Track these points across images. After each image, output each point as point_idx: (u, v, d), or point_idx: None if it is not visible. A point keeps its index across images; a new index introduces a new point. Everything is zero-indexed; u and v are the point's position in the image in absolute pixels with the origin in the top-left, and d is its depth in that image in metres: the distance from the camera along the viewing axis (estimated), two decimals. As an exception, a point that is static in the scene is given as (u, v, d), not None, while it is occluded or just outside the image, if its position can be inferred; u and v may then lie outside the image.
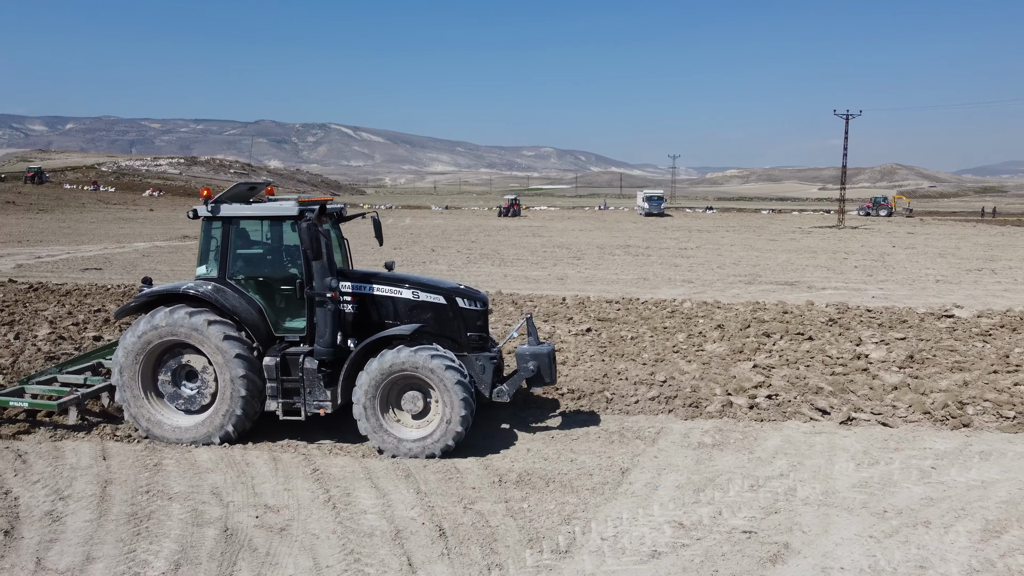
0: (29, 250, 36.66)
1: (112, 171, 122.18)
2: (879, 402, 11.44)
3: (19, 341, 15.08)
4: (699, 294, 23.76)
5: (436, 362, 8.99)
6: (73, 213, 71.31)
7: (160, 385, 9.72)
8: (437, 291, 9.97)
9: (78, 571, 6.30)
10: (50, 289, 22.37)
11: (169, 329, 9.35)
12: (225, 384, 9.29)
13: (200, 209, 9.85)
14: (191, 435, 9.44)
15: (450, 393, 8.96)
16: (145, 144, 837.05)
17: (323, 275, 9.38)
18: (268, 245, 10.23)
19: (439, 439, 9.05)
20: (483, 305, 10.16)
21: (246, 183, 10.66)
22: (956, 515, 7.60)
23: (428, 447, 9.07)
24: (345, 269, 10.46)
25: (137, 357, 9.47)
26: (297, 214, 9.50)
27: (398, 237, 49.24)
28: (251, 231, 10.11)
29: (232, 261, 9.83)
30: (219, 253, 9.83)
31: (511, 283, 26.19)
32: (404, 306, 9.89)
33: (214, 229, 9.90)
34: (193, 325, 9.25)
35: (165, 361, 9.68)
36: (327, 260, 9.41)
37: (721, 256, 37.33)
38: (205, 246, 10.01)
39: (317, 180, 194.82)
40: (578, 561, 6.60)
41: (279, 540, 6.94)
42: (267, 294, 9.89)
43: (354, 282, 9.89)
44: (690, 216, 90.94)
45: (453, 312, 9.93)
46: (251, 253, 10.12)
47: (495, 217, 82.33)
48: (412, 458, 9.03)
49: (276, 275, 9.97)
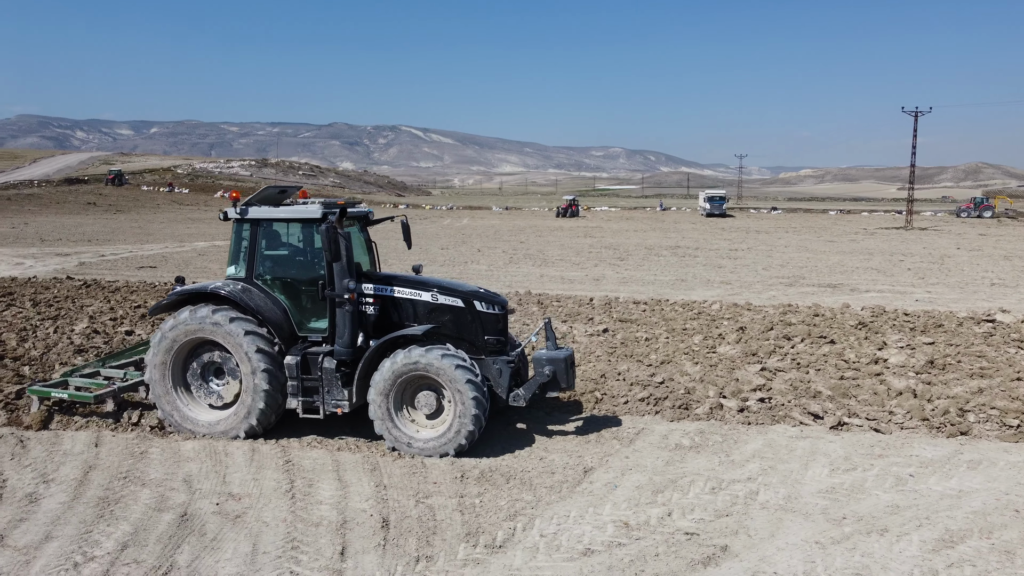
0: (96, 249, 38.47)
1: (187, 173, 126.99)
2: (878, 408, 11.13)
3: (56, 334, 15.91)
4: (733, 296, 23.38)
5: (447, 362, 9.09)
6: (147, 213, 74.36)
7: (189, 380, 10.14)
8: (456, 294, 10.03)
9: (33, 549, 6.71)
10: (101, 286, 23.47)
11: (195, 327, 9.72)
12: (248, 381, 9.59)
13: (229, 211, 10.24)
14: (216, 429, 9.78)
15: (461, 393, 9.04)
16: (224, 147, 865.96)
17: (342, 277, 9.58)
18: (294, 247, 10.51)
19: (451, 439, 9.13)
20: (501, 309, 10.18)
21: (276, 187, 11.04)
22: (917, 524, 7.38)
23: (440, 447, 9.16)
24: (369, 272, 10.64)
25: (167, 353, 9.88)
26: (320, 217, 9.74)
27: (449, 237, 49.81)
28: (280, 233, 10.42)
29: (259, 262, 10.16)
30: (247, 254, 10.19)
31: (545, 283, 26.25)
32: (424, 308, 10.01)
33: (243, 231, 10.24)
34: (217, 323, 9.59)
35: (195, 357, 10.07)
36: (346, 262, 9.56)
37: (770, 257, 36.56)
38: (235, 247, 10.37)
39: (384, 181, 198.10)
40: (509, 556, 6.68)
41: (230, 527, 7.23)
42: (292, 294, 10.17)
43: (376, 284, 10.08)
44: (753, 217, 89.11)
45: (471, 315, 9.97)
46: (278, 255, 10.43)
47: (553, 218, 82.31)
48: (426, 457, 9.10)
49: (301, 276, 10.22)
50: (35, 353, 14.00)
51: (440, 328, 9.95)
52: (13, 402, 10.93)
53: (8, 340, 15.09)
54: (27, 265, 30.63)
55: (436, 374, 9.16)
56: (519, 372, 10.50)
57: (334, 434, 9.98)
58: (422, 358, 9.16)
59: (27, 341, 15.08)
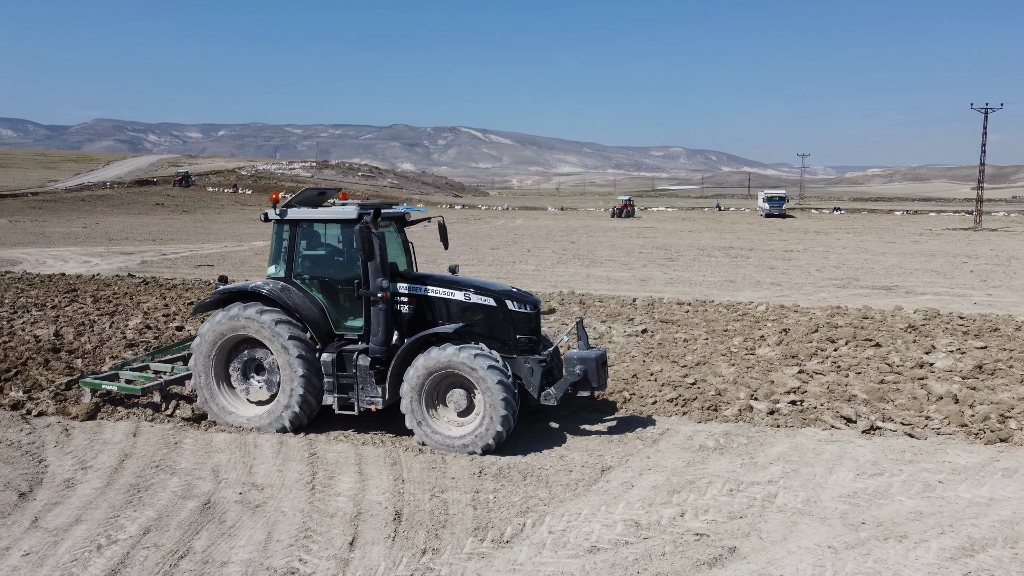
0: (159, 248, 39.88)
1: (250, 174, 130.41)
2: (915, 412, 10.82)
3: (111, 329, 16.59)
4: (782, 297, 22.96)
5: (478, 361, 9.17)
6: (211, 214, 76.66)
7: (232, 376, 10.49)
8: (488, 293, 10.12)
9: (63, 531, 7.05)
10: (159, 283, 24.35)
11: (236, 324, 10.04)
12: (286, 377, 9.86)
13: (269, 213, 10.57)
14: (256, 423, 10.06)
15: (491, 392, 9.10)
16: (288, 149, 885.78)
17: (376, 276, 9.76)
18: (332, 247, 10.77)
19: (480, 437, 9.21)
20: (533, 308, 10.24)
21: (316, 188, 11.36)
22: (939, 531, 7.17)
23: (468, 444, 9.25)
24: (404, 272, 10.83)
25: (210, 349, 10.23)
26: (356, 218, 9.95)
27: (501, 237, 50.05)
28: (318, 234, 10.69)
29: (298, 262, 10.45)
30: (286, 254, 10.49)
31: (591, 283, 26.20)
32: (456, 307, 10.13)
33: (283, 232, 10.53)
34: (256, 321, 9.89)
35: (237, 354, 10.40)
36: (380, 262, 9.74)
37: (825, 259, 35.73)
38: (275, 248, 10.67)
39: (441, 182, 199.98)
40: (514, 552, 6.74)
41: (249, 515, 7.46)
42: (329, 293, 10.42)
43: (410, 284, 10.24)
44: (814, 217, 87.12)
45: (503, 314, 10.04)
46: (316, 254, 10.71)
47: (607, 218, 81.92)
48: (454, 454, 9.20)
49: (338, 276, 10.45)
50: (89, 347, 14.63)
51: (472, 327, 10.05)
52: (63, 392, 11.46)
53: (66, 334, 15.79)
54: (93, 263, 31.94)
55: (467, 373, 9.24)
56: (552, 371, 10.53)
57: (368, 430, 10.12)
58: (455, 356, 9.26)
59: (83, 335, 15.77)
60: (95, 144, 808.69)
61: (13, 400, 10.96)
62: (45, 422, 10.24)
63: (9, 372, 12.34)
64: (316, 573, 6.34)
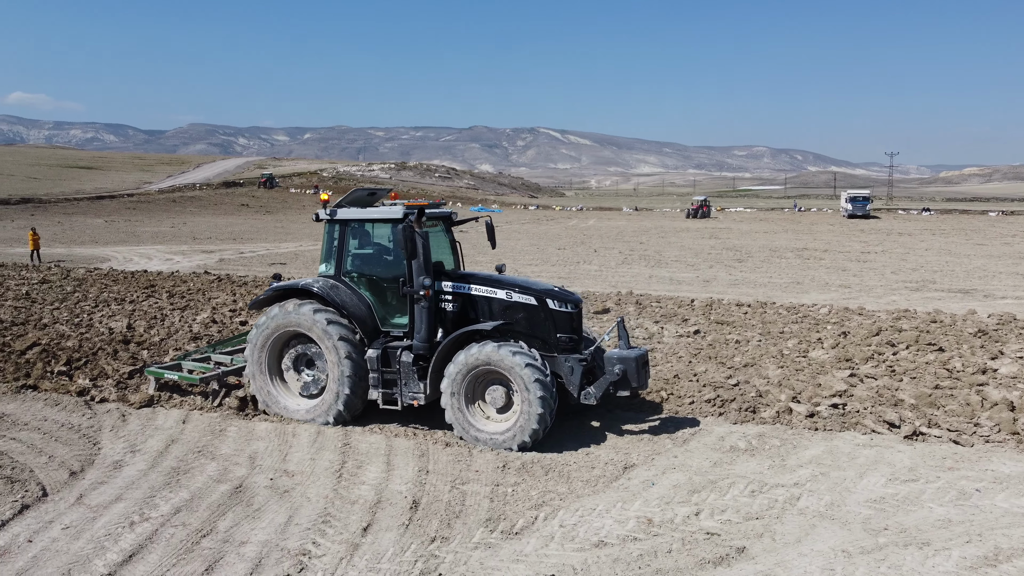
0: (238, 246, 41.49)
1: (331, 176, 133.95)
2: (964, 419, 10.40)
3: (180, 322, 17.45)
4: (848, 300, 22.27)
5: (517, 359, 9.29)
6: (292, 214, 79.09)
7: (284, 370, 10.95)
8: (529, 292, 10.25)
9: (103, 508, 7.54)
10: (232, 280, 25.38)
11: (287, 320, 10.48)
12: (334, 372, 10.23)
13: (320, 213, 11.01)
14: (306, 417, 10.45)
15: (528, 391, 9.22)
16: (370, 151, 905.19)
17: (419, 274, 10.05)
18: (380, 246, 11.11)
19: (516, 435, 9.33)
20: (575, 307, 10.31)
21: (365, 189, 11.74)
22: (965, 540, 6.93)
23: (505, 441, 9.40)
24: (449, 270, 11.05)
25: (264, 344, 10.69)
26: (401, 217, 10.22)
27: (570, 238, 50.03)
28: (367, 234, 11.05)
29: (347, 260, 10.84)
30: (336, 253, 10.88)
31: (653, 284, 25.98)
32: (498, 306, 10.31)
33: (334, 231, 10.92)
34: (306, 317, 10.29)
35: (289, 349, 10.84)
36: (423, 260, 10.03)
37: (904, 261, 34.39)
38: (326, 246, 11.07)
39: (518, 183, 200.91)
40: (522, 543, 6.85)
41: (276, 500, 7.81)
42: (376, 291, 10.75)
43: (454, 282, 10.47)
44: (900, 218, 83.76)
45: (544, 313, 10.15)
46: (364, 253, 11.07)
47: (682, 219, 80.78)
48: (492, 450, 9.35)
49: (385, 274, 10.77)
50: (156, 339, 15.43)
51: (513, 325, 10.19)
52: (125, 381, 12.16)
53: (138, 326, 16.70)
54: (175, 261, 33.52)
55: (506, 370, 9.37)
56: (593, 371, 10.56)
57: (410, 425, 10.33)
58: (494, 353, 9.41)
59: (153, 328, 16.64)
60: (189, 147, 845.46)
61: (80, 387, 11.70)
62: (105, 408, 10.90)
63: (79, 361, 13.17)
64: (327, 555, 6.60)
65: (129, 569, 6.37)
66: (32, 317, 17.93)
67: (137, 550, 6.66)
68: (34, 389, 11.71)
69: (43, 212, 70.00)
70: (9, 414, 10.57)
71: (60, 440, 9.56)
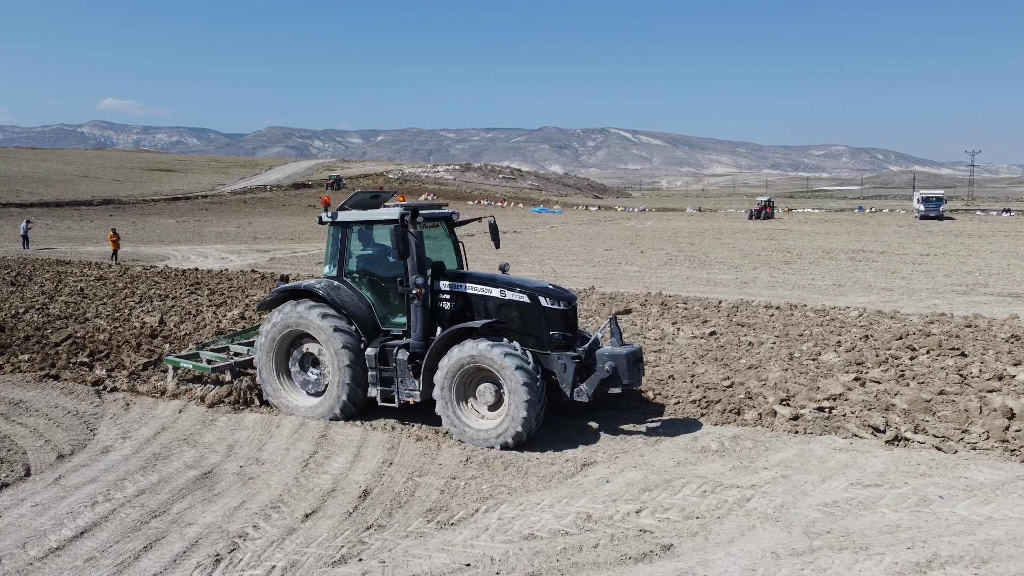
0: (293, 246, 42.71)
1: (397, 177, 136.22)
2: (955, 425, 10.08)
3: (212, 318, 18.19)
4: (888, 303, 21.63)
5: (507, 359, 9.42)
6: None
7: (291, 368, 11.35)
8: (522, 290, 10.38)
9: (74, 489, 8.05)
10: (274, 278, 26.21)
11: (291, 321, 10.89)
12: (334, 371, 10.59)
13: (323, 216, 11.42)
14: (311, 413, 10.81)
15: (516, 391, 9.34)
16: (441, 152, 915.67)
17: (413, 274, 10.33)
18: (380, 247, 11.42)
19: (501, 433, 9.46)
20: (568, 304, 10.39)
21: (368, 192, 12.09)
22: (907, 546, 6.77)
23: (491, 439, 9.54)
24: (446, 270, 11.24)
25: (271, 343, 11.13)
26: (397, 218, 10.49)
27: (622, 238, 49.76)
28: (368, 235, 11.37)
29: (348, 261, 11.20)
30: (338, 254, 11.25)
31: (688, 285, 25.72)
32: (493, 304, 10.47)
33: (336, 233, 11.28)
34: (308, 317, 10.69)
35: (296, 348, 11.24)
36: (416, 260, 10.27)
37: (962, 264, 33.06)
38: (330, 248, 11.41)
39: (583, 184, 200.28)
40: (454, 534, 7.02)
41: (238, 486, 8.18)
42: (377, 291, 11.06)
43: (451, 281, 10.71)
44: (977, 220, 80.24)
45: (537, 311, 10.26)
46: (365, 254, 11.42)
47: (744, 220, 79.26)
48: (477, 447, 9.49)
49: (384, 275, 11.06)
50: (181, 333, 16.14)
51: (507, 323, 10.35)
52: (138, 372, 12.81)
53: (169, 321, 17.50)
54: (229, 260, 34.77)
55: (494, 368, 9.51)
56: (588, 368, 10.63)
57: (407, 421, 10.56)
58: (486, 351, 9.54)
59: (184, 323, 17.40)
60: (267, 150, 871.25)
61: (96, 377, 12.39)
62: (113, 397, 11.53)
63: (102, 353, 13.92)
64: (261, 538, 6.91)
65: (78, 544, 6.81)
66: (79, 312, 18.96)
67: (90, 527, 7.10)
68: (55, 379, 12.46)
69: (121, 213, 73.35)
70: (26, 400, 11.30)
71: (62, 426, 10.18)
